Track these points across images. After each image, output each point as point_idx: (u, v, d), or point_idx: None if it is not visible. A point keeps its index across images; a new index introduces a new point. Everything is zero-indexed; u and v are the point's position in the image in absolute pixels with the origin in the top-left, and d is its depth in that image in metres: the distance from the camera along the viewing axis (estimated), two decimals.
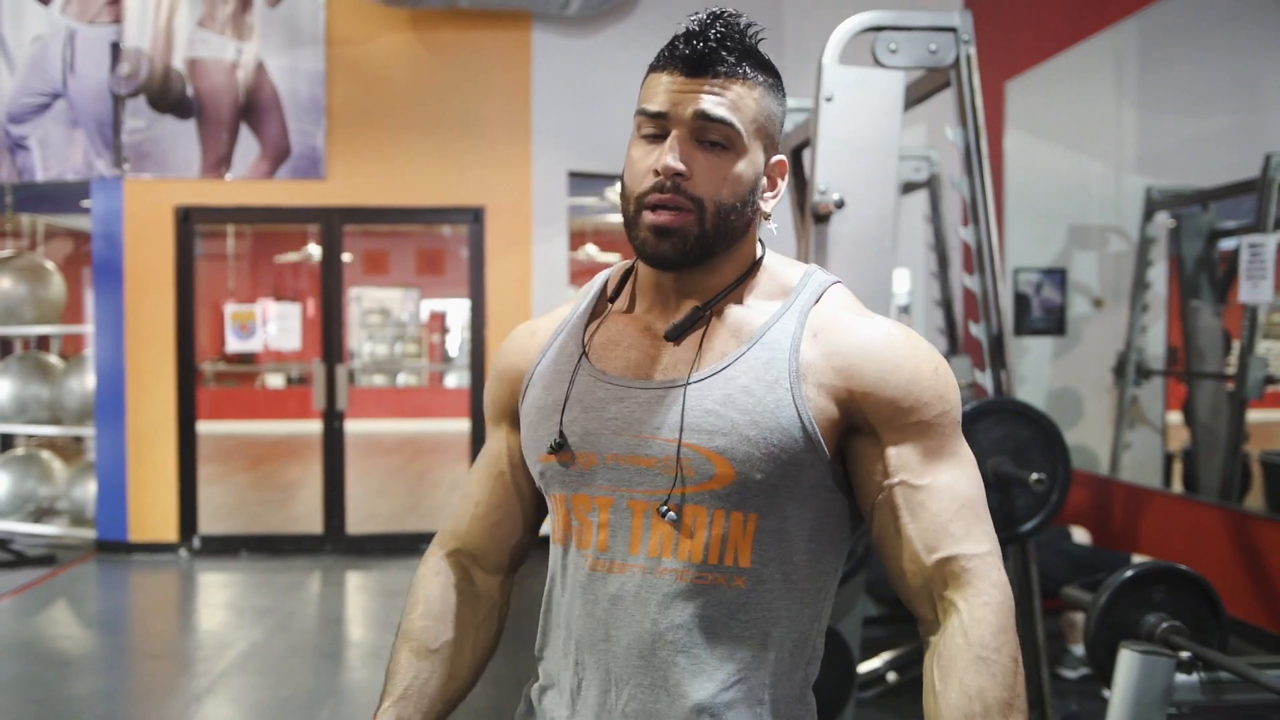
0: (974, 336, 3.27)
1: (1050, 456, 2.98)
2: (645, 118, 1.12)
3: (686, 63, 1.10)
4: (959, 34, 3.09)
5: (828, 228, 3.03)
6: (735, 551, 1.10)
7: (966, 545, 1.09)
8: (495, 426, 1.31)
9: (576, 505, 1.16)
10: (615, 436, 1.13)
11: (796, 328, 1.13)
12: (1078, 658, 4.00)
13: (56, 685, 4.27)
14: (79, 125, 6.29)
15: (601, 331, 1.21)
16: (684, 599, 1.10)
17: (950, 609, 1.08)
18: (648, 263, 1.14)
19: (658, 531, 1.11)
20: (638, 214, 1.11)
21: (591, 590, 1.14)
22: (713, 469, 1.08)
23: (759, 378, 1.10)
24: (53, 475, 7.05)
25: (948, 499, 1.11)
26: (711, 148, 1.10)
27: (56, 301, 7.03)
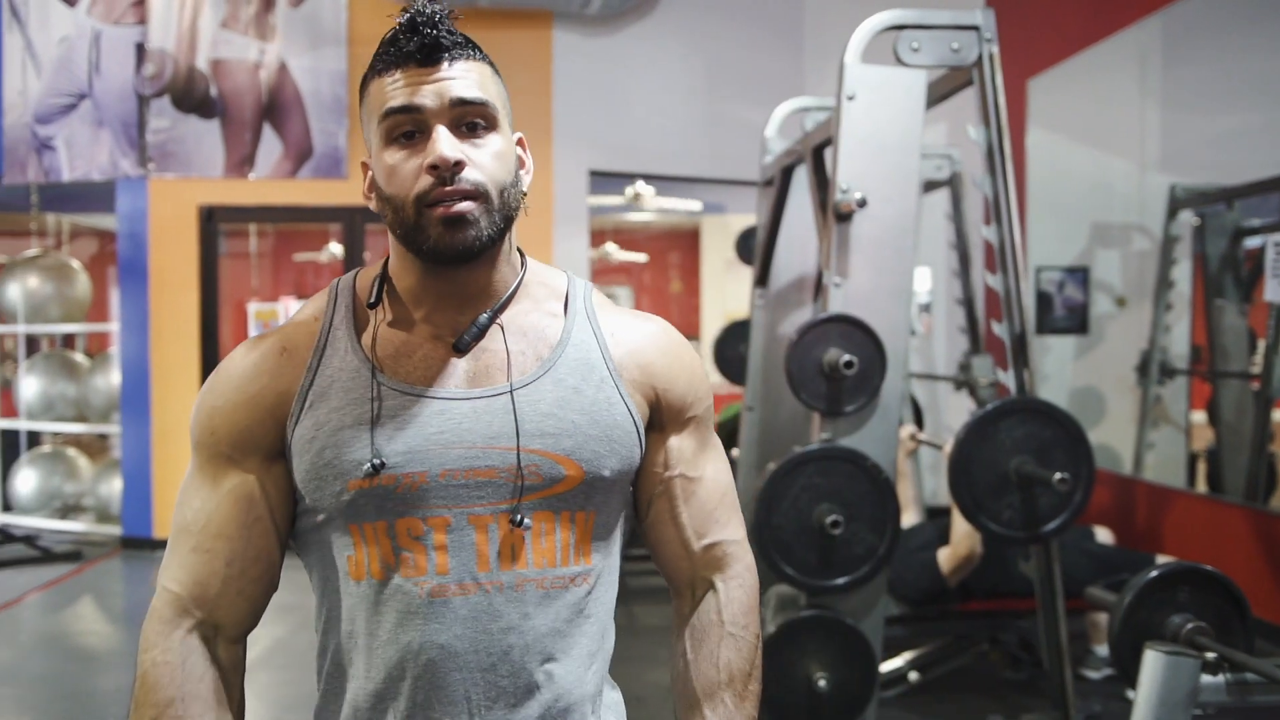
0: (996, 335, 3.26)
1: (1073, 456, 2.97)
2: (396, 117, 1.06)
3: (421, 54, 1.06)
4: (981, 32, 3.08)
5: (850, 227, 3.03)
6: (580, 552, 1.12)
7: (727, 532, 1.21)
8: (235, 464, 1.10)
9: (401, 530, 1.06)
10: (445, 451, 1.06)
11: (594, 328, 1.17)
12: (1101, 658, 3.98)
13: (84, 680, 4.31)
14: (104, 125, 6.34)
15: (381, 344, 1.11)
16: (543, 606, 1.09)
17: (708, 588, 1.21)
18: (442, 260, 1.08)
19: (506, 544, 1.08)
20: (419, 216, 1.06)
21: (434, 619, 1.06)
22: (561, 471, 1.09)
23: (585, 378, 1.12)
24: (79, 472, 7.12)
25: (714, 489, 1.21)
26: (472, 131, 1.08)
27: (82, 300, 7.10)
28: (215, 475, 1.11)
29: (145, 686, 1.07)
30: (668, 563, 1.22)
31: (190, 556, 1.10)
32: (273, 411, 1.10)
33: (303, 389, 1.10)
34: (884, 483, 2.92)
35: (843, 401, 2.97)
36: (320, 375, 1.10)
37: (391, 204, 1.08)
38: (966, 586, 3.65)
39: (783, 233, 4.38)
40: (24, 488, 6.98)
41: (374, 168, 1.11)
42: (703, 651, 1.19)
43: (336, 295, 1.16)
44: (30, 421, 7.01)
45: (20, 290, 6.89)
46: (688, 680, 1.19)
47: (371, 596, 1.08)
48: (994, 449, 2.96)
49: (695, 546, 1.20)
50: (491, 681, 1.08)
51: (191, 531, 1.10)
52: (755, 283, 4.54)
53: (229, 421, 1.11)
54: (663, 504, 1.20)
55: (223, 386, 1.12)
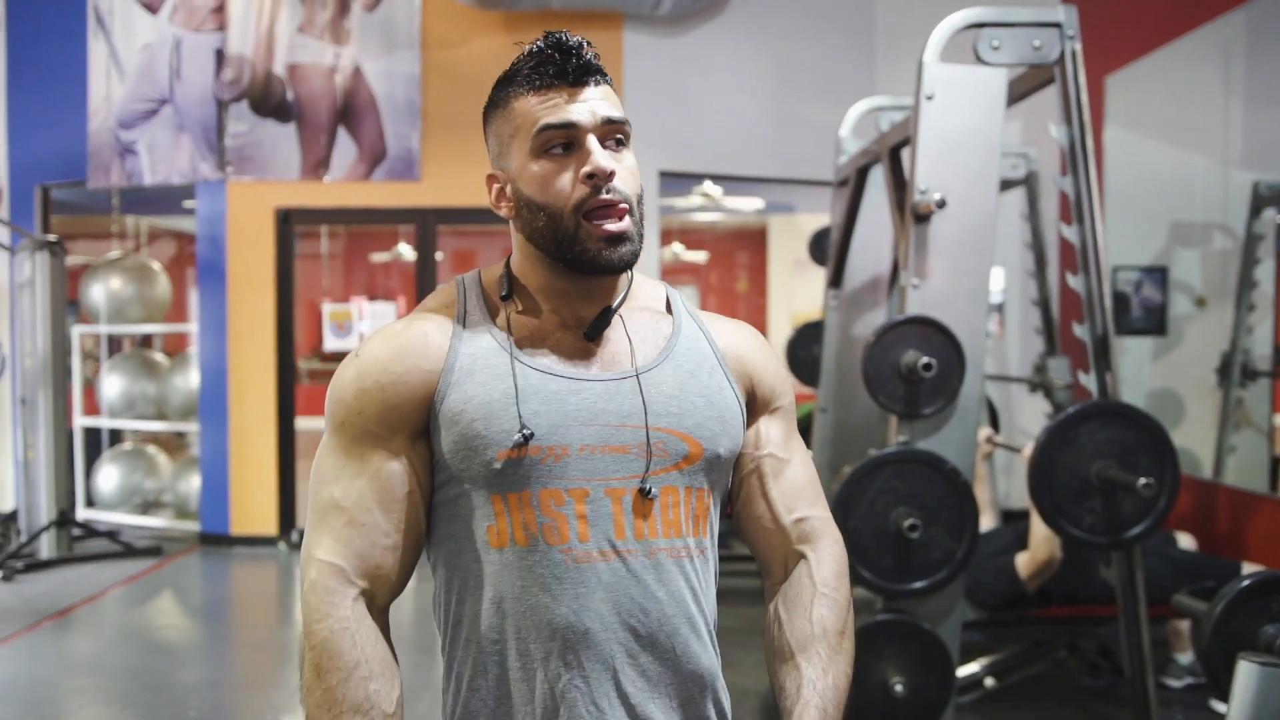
0: (1077, 337, 3.21)
1: (1158, 461, 2.91)
2: (551, 132, 1.16)
3: (574, 75, 1.16)
4: (1064, 29, 3.04)
5: (928, 227, 3.01)
6: (699, 525, 1.22)
7: (815, 510, 1.30)
8: (383, 442, 1.17)
9: (545, 500, 1.15)
10: (584, 427, 1.16)
11: (698, 325, 1.29)
12: (1183, 666, 3.90)
13: (167, 674, 4.42)
14: (185, 130, 6.49)
15: (515, 329, 1.21)
16: (674, 574, 1.18)
17: (799, 559, 1.29)
18: (599, 271, 1.18)
19: (639, 514, 1.16)
20: (578, 226, 1.16)
21: (580, 584, 1.14)
22: (685, 448, 1.19)
23: (699, 364, 1.24)
24: (158, 469, 7.29)
25: (801, 471, 1.31)
26: (616, 146, 1.19)
27: (162, 301, 7.27)
28: (363, 454, 1.18)
29: (327, 652, 1.12)
30: (760, 539, 1.31)
31: (345, 531, 1.16)
32: (419, 390, 1.17)
33: (448, 367, 1.18)
34: (962, 486, 2.89)
35: (920, 404, 2.94)
36: (462, 355, 1.18)
37: (546, 211, 1.17)
38: (1045, 592, 3.59)
39: (857, 233, 4.35)
40: (106, 484, 7.16)
41: (516, 178, 1.20)
42: (796, 610, 1.26)
43: (465, 287, 1.26)
44: (112, 420, 7.20)
45: (103, 291, 7.07)
46: (782, 637, 1.25)
47: (515, 563, 1.15)
48: (1076, 453, 2.92)
49: (785, 521, 1.29)
50: (632, 642, 1.16)
51: (343, 507, 1.16)
52: (829, 284, 4.52)
53: (378, 401, 1.17)
54: (754, 481, 1.29)
55: (369, 369, 1.19)
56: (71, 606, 5.29)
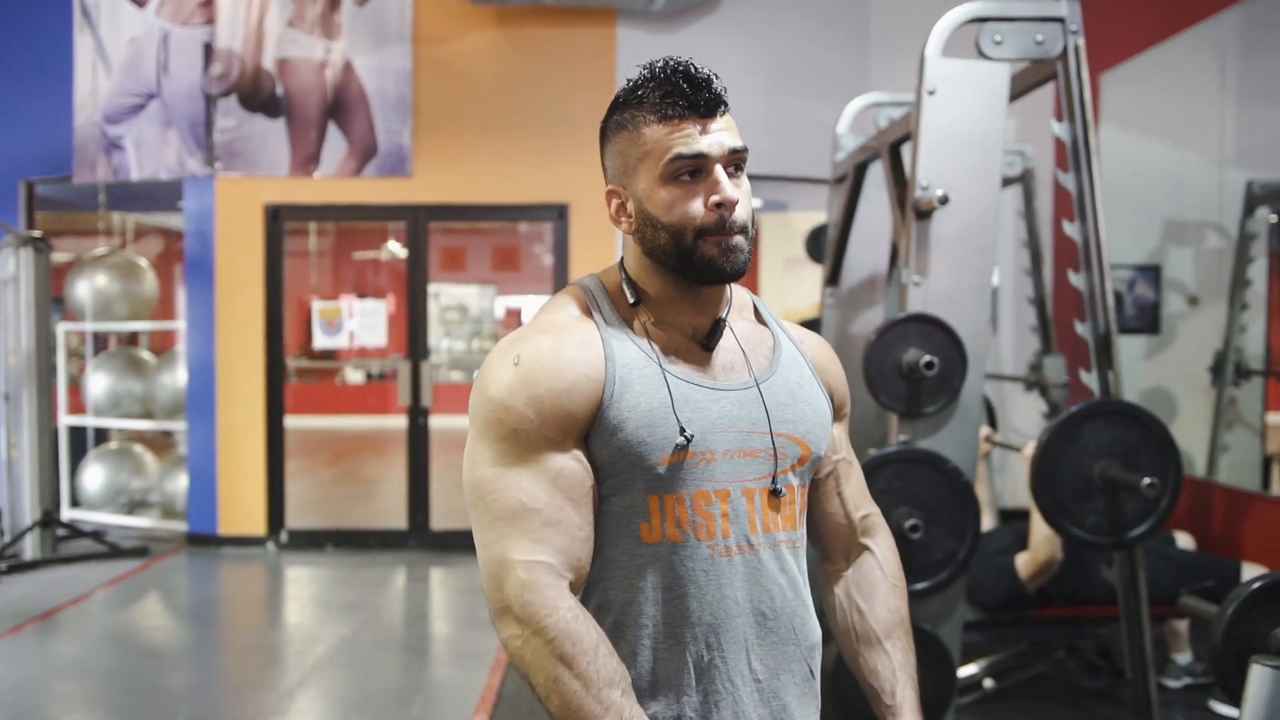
0: (1074, 335, 3.17)
1: (1160, 460, 2.88)
2: (683, 161, 1.25)
3: (705, 107, 1.26)
4: (1066, 24, 3.00)
5: (929, 224, 2.97)
6: (804, 516, 1.39)
7: (873, 506, 1.52)
8: (556, 446, 1.25)
9: (697, 501, 1.27)
10: (725, 434, 1.28)
11: (788, 336, 1.42)
12: (1181, 667, 3.88)
13: (154, 676, 4.36)
14: (172, 125, 6.42)
15: (653, 338, 1.32)
16: (790, 562, 1.34)
17: (864, 551, 1.49)
18: (717, 279, 1.28)
19: (766, 511, 1.31)
20: (697, 242, 1.26)
21: (723, 575, 1.28)
22: (799, 451, 1.34)
23: (800, 374, 1.38)
24: (145, 469, 7.22)
25: (859, 473, 1.52)
26: (736, 173, 1.29)
27: (149, 298, 7.19)
28: (540, 459, 1.25)
29: (569, 639, 1.20)
30: (829, 532, 1.50)
31: (544, 530, 1.23)
32: (590, 398, 1.26)
33: (610, 376, 1.27)
34: (964, 486, 2.86)
35: (922, 403, 2.91)
36: (619, 364, 1.27)
37: (669, 231, 1.27)
38: (1045, 593, 3.57)
39: (854, 230, 4.32)
40: (91, 484, 7.09)
41: (643, 199, 1.29)
42: (876, 600, 1.46)
43: (593, 294, 1.35)
44: (97, 418, 7.12)
45: (89, 288, 7.00)
46: (865, 625, 1.46)
47: (665, 556, 1.27)
48: (1078, 452, 2.88)
49: (854, 516, 1.49)
50: (763, 625, 1.31)
51: (534, 509, 1.24)
52: (826, 281, 4.48)
53: (554, 408, 1.25)
54: (830, 482, 1.48)
55: (539, 377, 1.25)
56: (56, 608, 5.23)
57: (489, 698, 3.97)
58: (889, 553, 1.50)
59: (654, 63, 1.28)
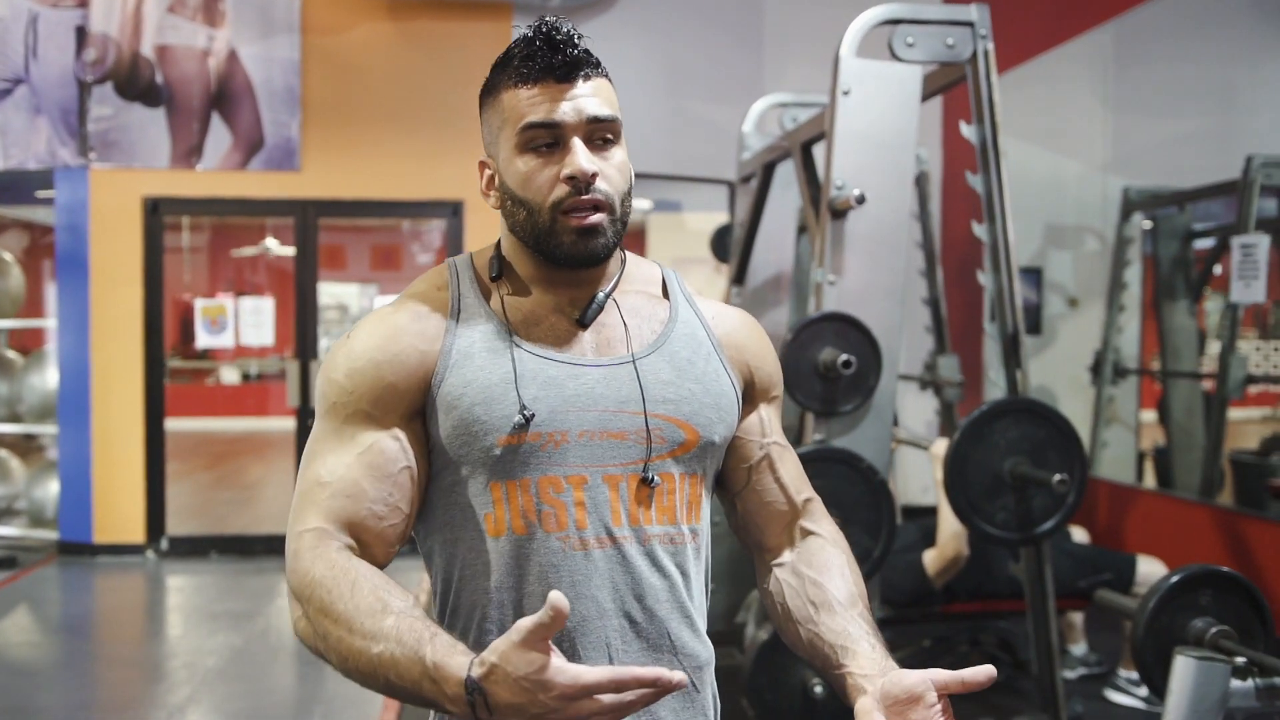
0: (969, 336, 3.23)
1: (1067, 457, 2.95)
2: (534, 130, 1.15)
3: (561, 70, 1.15)
4: (976, 28, 3.06)
5: (844, 224, 2.98)
6: (693, 511, 1.23)
7: (812, 491, 1.35)
8: (375, 421, 1.15)
9: (544, 487, 1.15)
10: (583, 413, 1.15)
11: (695, 310, 1.29)
12: (1077, 658, 3.99)
13: (27, 695, 4.11)
14: (42, 112, 6.09)
15: (510, 311, 1.21)
16: (669, 560, 1.19)
17: (809, 534, 1.30)
18: (574, 264, 1.18)
19: (635, 501, 1.17)
20: (554, 222, 1.15)
21: (577, 571, 1.15)
22: (681, 435, 1.19)
23: (695, 351, 1.24)
24: (11, 474, 6.84)
25: (795, 458, 1.36)
26: (602, 145, 1.17)
27: (15, 295, 6.82)
28: (353, 433, 1.15)
29: (324, 587, 1.07)
30: (769, 520, 1.32)
31: (329, 501, 1.13)
32: (416, 370, 1.16)
33: (446, 349, 1.17)
34: (879, 485, 2.88)
35: (838, 401, 2.92)
36: (460, 336, 1.18)
37: (526, 207, 1.17)
38: (950, 588, 3.62)
39: (760, 230, 4.33)
40: None
41: (502, 170, 1.20)
42: (833, 570, 1.24)
43: (457, 269, 1.25)
44: None
45: None
46: (823, 594, 1.21)
47: (512, 552, 1.15)
48: (989, 450, 2.93)
49: (796, 500, 1.31)
50: (629, 629, 1.17)
51: (327, 483, 1.14)
52: (732, 280, 4.49)
53: (372, 380, 1.16)
54: (765, 467, 1.31)
55: (362, 348, 1.17)
56: None
57: (392, 705, 3.85)
58: (837, 534, 1.32)
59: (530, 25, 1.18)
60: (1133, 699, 3.76)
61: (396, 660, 1.01)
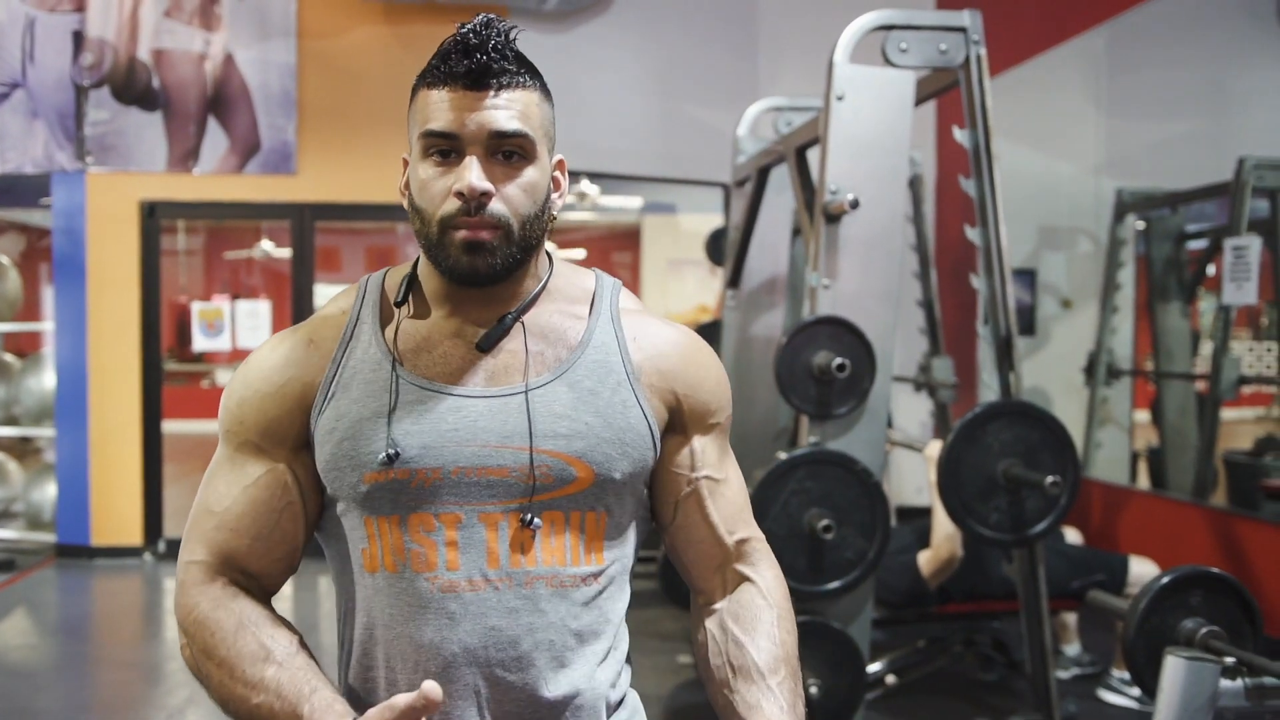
0: (964, 338, 3.26)
1: (1060, 459, 2.98)
2: (433, 138, 1.09)
3: (469, 77, 1.08)
4: (969, 34, 3.09)
5: (839, 228, 3.01)
6: (591, 551, 1.14)
7: (753, 530, 1.25)
8: (264, 453, 1.14)
9: (414, 526, 1.09)
10: (459, 448, 1.09)
11: (616, 331, 1.18)
12: (1070, 658, 4.02)
13: (27, 697, 4.12)
14: (39, 116, 6.09)
15: (404, 337, 1.14)
16: (554, 605, 1.11)
17: (743, 579, 1.22)
18: (460, 281, 1.11)
19: (516, 542, 1.10)
20: (443, 235, 1.09)
21: (444, 614, 1.08)
22: (572, 473, 1.10)
23: (602, 380, 1.14)
24: (8, 477, 6.85)
25: (738, 491, 1.24)
26: (507, 159, 1.10)
27: (12, 298, 6.82)
28: (243, 463, 1.14)
29: (206, 628, 1.09)
30: (696, 560, 1.24)
31: (214, 534, 1.13)
32: (299, 402, 1.13)
33: (326, 380, 1.13)
34: (874, 486, 2.91)
35: (832, 404, 2.95)
36: (344, 367, 1.13)
37: (420, 215, 1.11)
38: (945, 589, 3.65)
39: (755, 233, 4.36)
40: None
41: (410, 172, 1.14)
42: (758, 632, 1.17)
43: (365, 290, 1.19)
44: None
45: None
46: (744, 658, 1.16)
47: (385, 589, 1.10)
48: (982, 452, 2.96)
49: (728, 542, 1.22)
50: (502, 678, 1.09)
51: (215, 513, 1.13)
52: (727, 284, 4.51)
53: (257, 411, 1.14)
54: (692, 503, 1.21)
55: (251, 377, 1.15)
56: None
57: None
58: (774, 583, 1.22)
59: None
60: (1126, 699, 3.79)
61: (275, 713, 1.04)
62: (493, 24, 1.09)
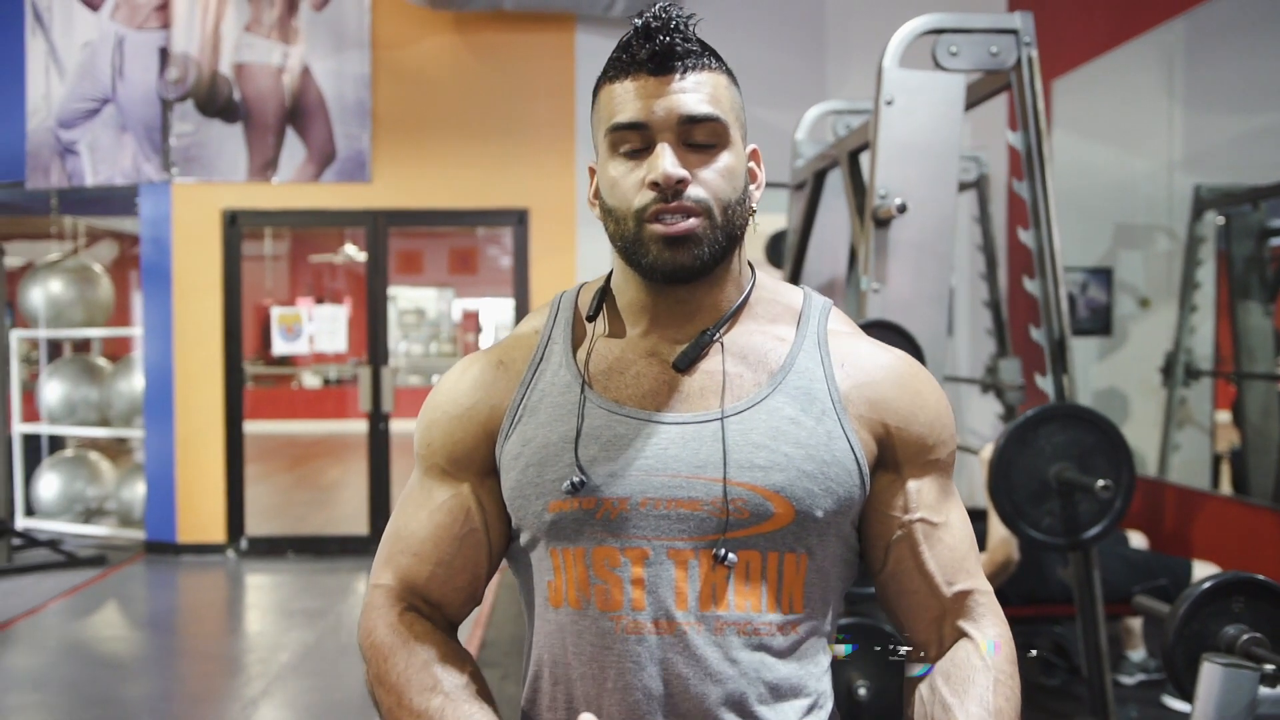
0: (1029, 339, 3.24)
1: (1114, 462, 2.94)
2: (620, 132, 1.04)
3: (653, 61, 1.03)
4: (1020, 36, 3.07)
5: (888, 232, 3.02)
6: (790, 597, 1.05)
7: (979, 581, 1.12)
8: (451, 477, 1.12)
9: (599, 560, 1.03)
10: (648, 478, 1.02)
11: (822, 356, 1.09)
12: (1135, 663, 3.96)
13: (112, 687, 4.32)
14: (128, 130, 6.35)
15: (596, 358, 1.09)
16: (746, 652, 1.03)
17: (959, 636, 1.11)
18: (663, 278, 1.05)
19: (708, 583, 1.02)
20: (639, 230, 1.03)
21: (629, 657, 1.02)
22: (770, 509, 1.02)
23: (805, 408, 1.06)
24: (101, 476, 7.14)
25: (961, 536, 1.12)
26: (701, 148, 1.04)
27: (104, 304, 7.11)
28: (431, 487, 1.13)
29: (382, 654, 1.07)
30: (910, 613, 1.13)
31: (402, 559, 1.12)
32: (485, 426, 1.11)
33: (514, 404, 1.10)
34: None
35: None
36: (533, 390, 1.10)
37: (613, 216, 1.06)
38: (1002, 593, 3.63)
39: (814, 236, 4.37)
40: (47, 492, 7.00)
41: (599, 175, 1.09)
42: (970, 696, 1.06)
43: (558, 309, 1.16)
44: (52, 425, 7.03)
45: (42, 294, 6.91)
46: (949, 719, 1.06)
47: (569, 626, 1.05)
48: (1034, 455, 2.95)
49: (945, 594, 1.11)
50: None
51: (403, 536, 1.13)
52: None
53: (445, 435, 1.12)
54: (903, 549, 1.10)
55: (441, 401, 1.14)
56: (11, 620, 5.16)
57: None
58: (997, 639, 1.11)
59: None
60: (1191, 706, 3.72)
61: None
62: (671, 9, 1.04)
